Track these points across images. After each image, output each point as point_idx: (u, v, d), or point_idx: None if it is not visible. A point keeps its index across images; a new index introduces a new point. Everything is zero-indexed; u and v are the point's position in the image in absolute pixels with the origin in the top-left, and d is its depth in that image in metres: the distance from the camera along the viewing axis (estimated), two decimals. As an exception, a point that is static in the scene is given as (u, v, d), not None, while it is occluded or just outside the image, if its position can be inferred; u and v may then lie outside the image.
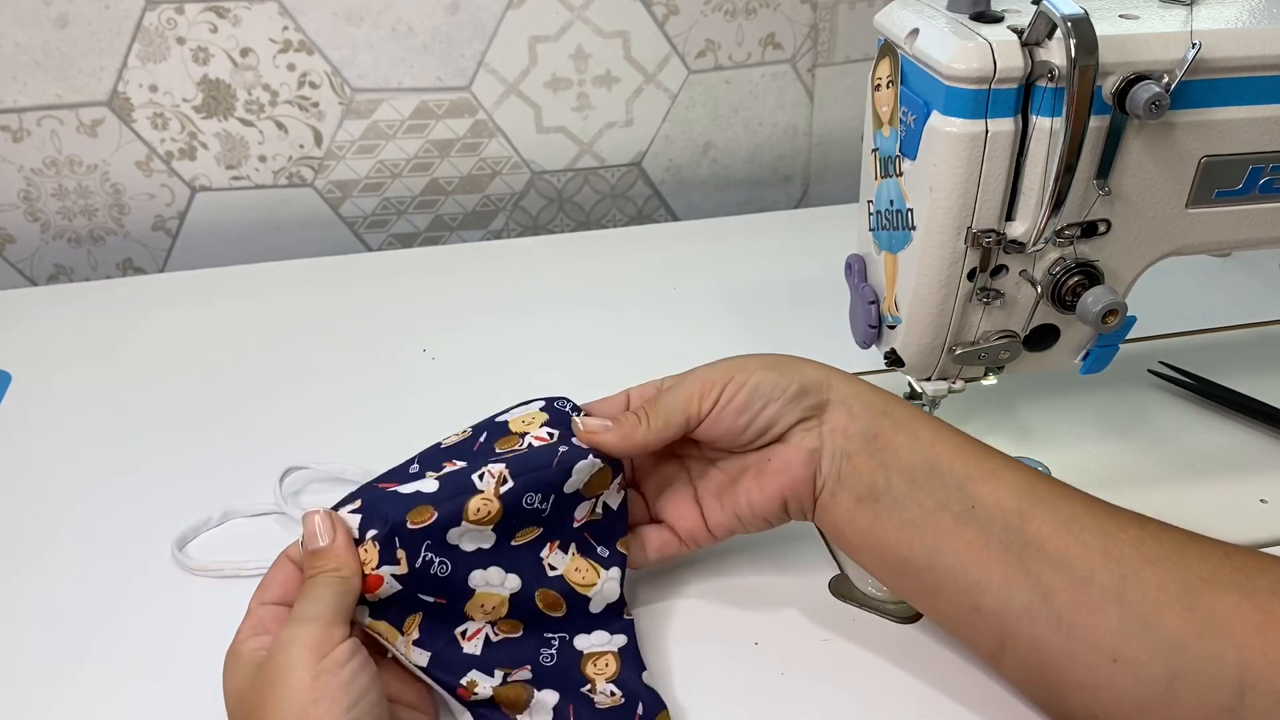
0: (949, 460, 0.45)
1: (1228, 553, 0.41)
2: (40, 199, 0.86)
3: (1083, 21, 0.41)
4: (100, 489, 0.60)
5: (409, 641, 0.43)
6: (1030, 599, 0.42)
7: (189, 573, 0.54)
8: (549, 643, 0.46)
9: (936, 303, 0.48)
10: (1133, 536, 0.41)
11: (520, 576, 0.45)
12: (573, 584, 0.47)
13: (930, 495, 0.45)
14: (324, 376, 0.70)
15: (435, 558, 0.43)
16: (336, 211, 0.91)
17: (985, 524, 0.43)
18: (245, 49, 0.82)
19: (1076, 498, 0.44)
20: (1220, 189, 0.47)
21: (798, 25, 0.91)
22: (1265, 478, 0.57)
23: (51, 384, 0.70)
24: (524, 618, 0.46)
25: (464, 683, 0.43)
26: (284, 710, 0.37)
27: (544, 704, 0.44)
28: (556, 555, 0.47)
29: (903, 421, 0.46)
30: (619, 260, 0.85)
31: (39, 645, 0.50)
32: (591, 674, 0.45)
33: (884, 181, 0.49)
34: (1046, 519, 0.42)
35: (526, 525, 0.46)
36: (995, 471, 0.44)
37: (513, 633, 0.46)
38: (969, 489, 0.44)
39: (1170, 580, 0.40)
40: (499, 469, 0.44)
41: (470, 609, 0.45)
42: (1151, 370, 0.65)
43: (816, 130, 0.97)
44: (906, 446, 0.46)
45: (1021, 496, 0.43)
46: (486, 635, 0.45)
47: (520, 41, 0.86)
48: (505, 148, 0.91)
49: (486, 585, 0.45)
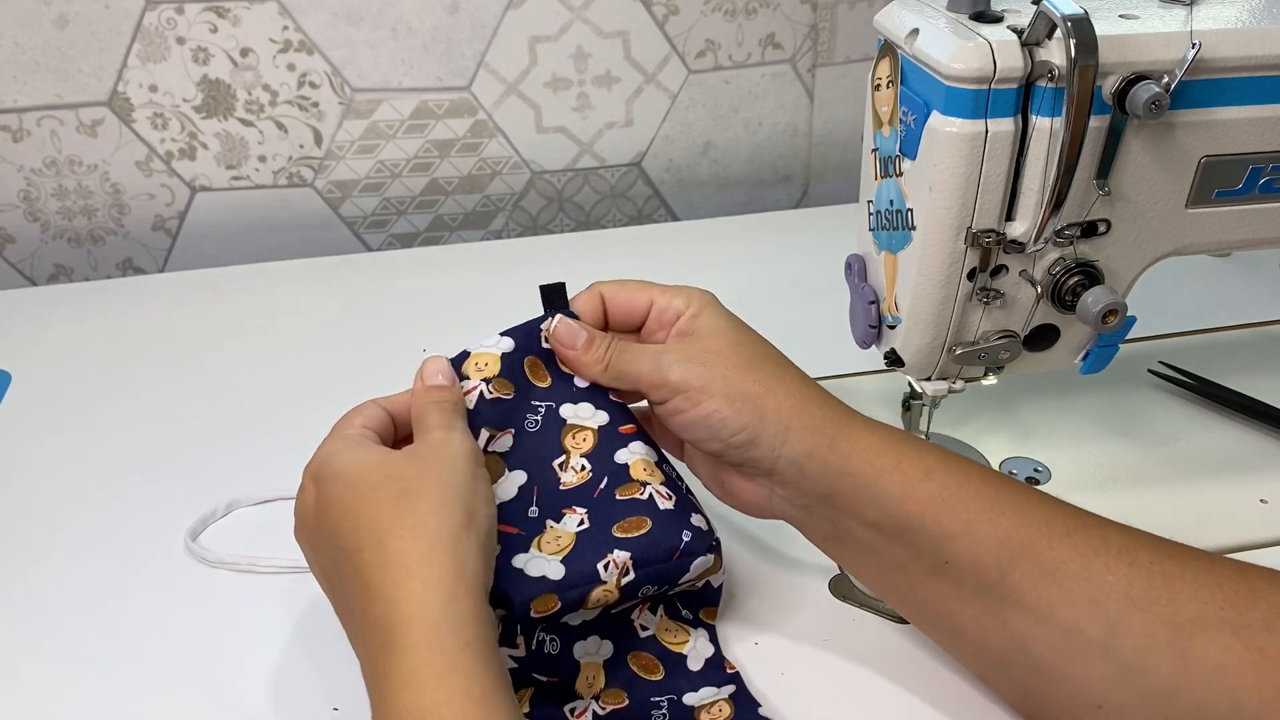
0: (919, 517, 0.41)
1: (1219, 583, 0.38)
2: (40, 199, 0.86)
3: (1083, 21, 0.41)
4: (100, 489, 0.60)
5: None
6: (1007, 648, 0.40)
7: (205, 564, 0.54)
8: (658, 705, 0.44)
9: (936, 303, 0.48)
10: (1120, 579, 0.39)
11: (613, 641, 0.45)
12: (666, 644, 0.46)
13: (898, 550, 0.42)
14: (324, 376, 0.70)
15: (548, 637, 0.44)
16: (336, 211, 0.91)
17: (959, 579, 0.41)
18: (245, 49, 0.82)
19: (1063, 538, 0.40)
20: (1220, 189, 0.47)
21: (798, 25, 0.91)
22: (1265, 478, 0.57)
23: (51, 384, 0.70)
24: (623, 684, 0.45)
25: None
26: (451, 485, 0.40)
27: None
28: (646, 616, 0.46)
29: (864, 480, 0.42)
30: (619, 260, 0.85)
31: (39, 645, 0.50)
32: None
33: (884, 181, 0.49)
34: (1028, 571, 0.40)
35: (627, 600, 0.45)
36: (970, 525, 0.41)
37: (618, 704, 0.44)
38: (942, 547, 0.41)
39: (1160, 626, 0.38)
40: (624, 559, 0.43)
41: (578, 684, 0.44)
42: (1151, 370, 0.65)
43: (816, 130, 0.97)
44: (869, 505, 0.42)
45: (1000, 550, 0.40)
46: (593, 711, 0.44)
47: (520, 41, 0.86)
48: (505, 148, 0.91)
49: (586, 655, 0.44)
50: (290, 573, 0.53)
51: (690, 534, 0.44)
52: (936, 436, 0.59)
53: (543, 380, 0.49)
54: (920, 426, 0.57)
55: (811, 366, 0.66)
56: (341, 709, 0.46)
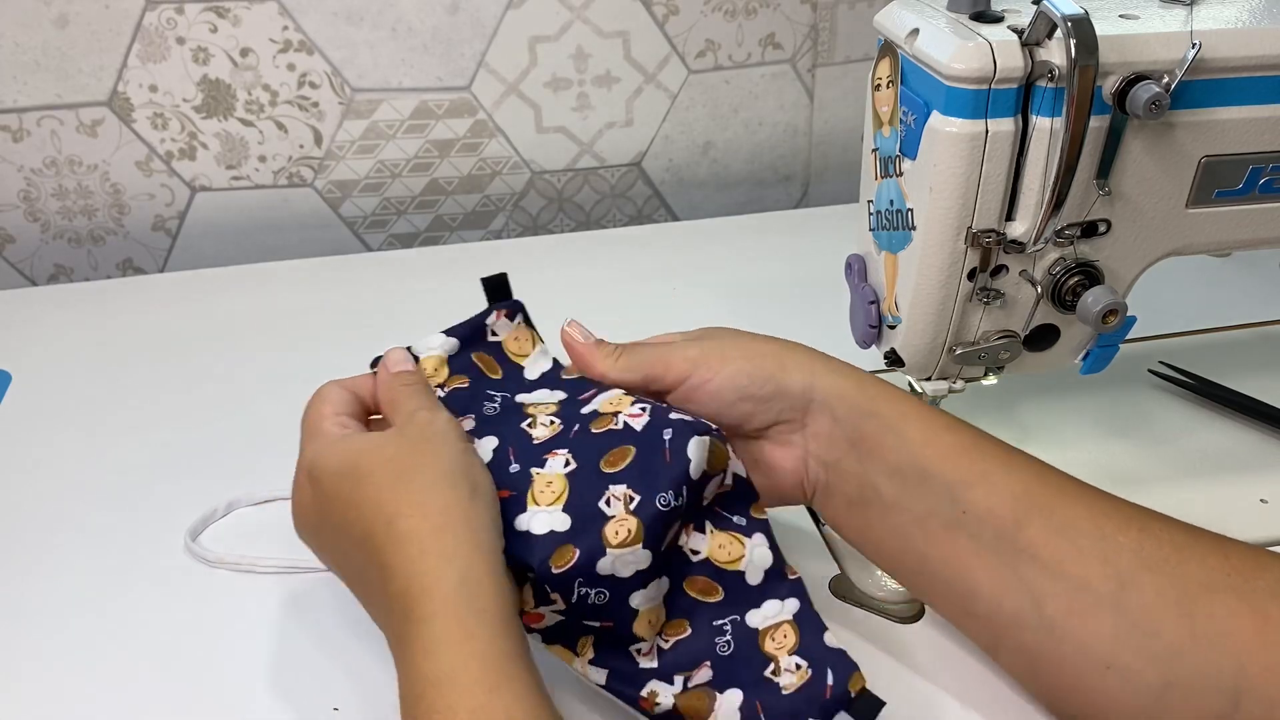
0: (939, 463, 0.43)
1: (1226, 553, 0.40)
2: (40, 199, 0.86)
3: (1083, 21, 0.41)
4: (100, 489, 0.60)
5: (585, 661, 0.42)
6: (1021, 606, 0.41)
7: (205, 564, 0.54)
8: (722, 630, 0.43)
9: (936, 303, 0.48)
10: (1132, 540, 0.40)
11: (669, 575, 0.43)
12: (720, 564, 0.44)
13: (919, 501, 0.43)
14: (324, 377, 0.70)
15: (590, 590, 0.41)
16: (336, 211, 0.91)
17: (976, 531, 0.42)
18: (245, 49, 0.82)
19: (1076, 498, 0.42)
20: (1220, 189, 0.47)
21: (798, 25, 0.91)
22: (1265, 478, 0.57)
23: (51, 384, 0.70)
24: (684, 613, 0.43)
25: (645, 694, 0.41)
26: (449, 461, 0.40)
27: (730, 706, 0.41)
28: (695, 538, 0.44)
29: (890, 422, 0.44)
30: (619, 260, 0.85)
31: (39, 645, 0.50)
32: (772, 650, 0.43)
33: (884, 181, 0.49)
34: (1042, 526, 0.41)
35: (673, 523, 0.43)
36: (988, 474, 0.42)
37: (681, 633, 0.43)
38: (959, 494, 0.42)
39: (1168, 586, 0.39)
40: (622, 491, 0.42)
41: (638, 629, 0.42)
42: (1151, 370, 0.65)
43: (816, 130, 0.97)
44: (893, 449, 0.44)
45: (1016, 501, 0.42)
46: (658, 646, 0.43)
47: (520, 41, 0.86)
48: (505, 148, 0.91)
49: (647, 602, 0.42)
50: (289, 572, 0.53)
51: (671, 430, 0.43)
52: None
53: (494, 372, 0.49)
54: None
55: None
56: (341, 709, 0.46)
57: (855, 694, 0.41)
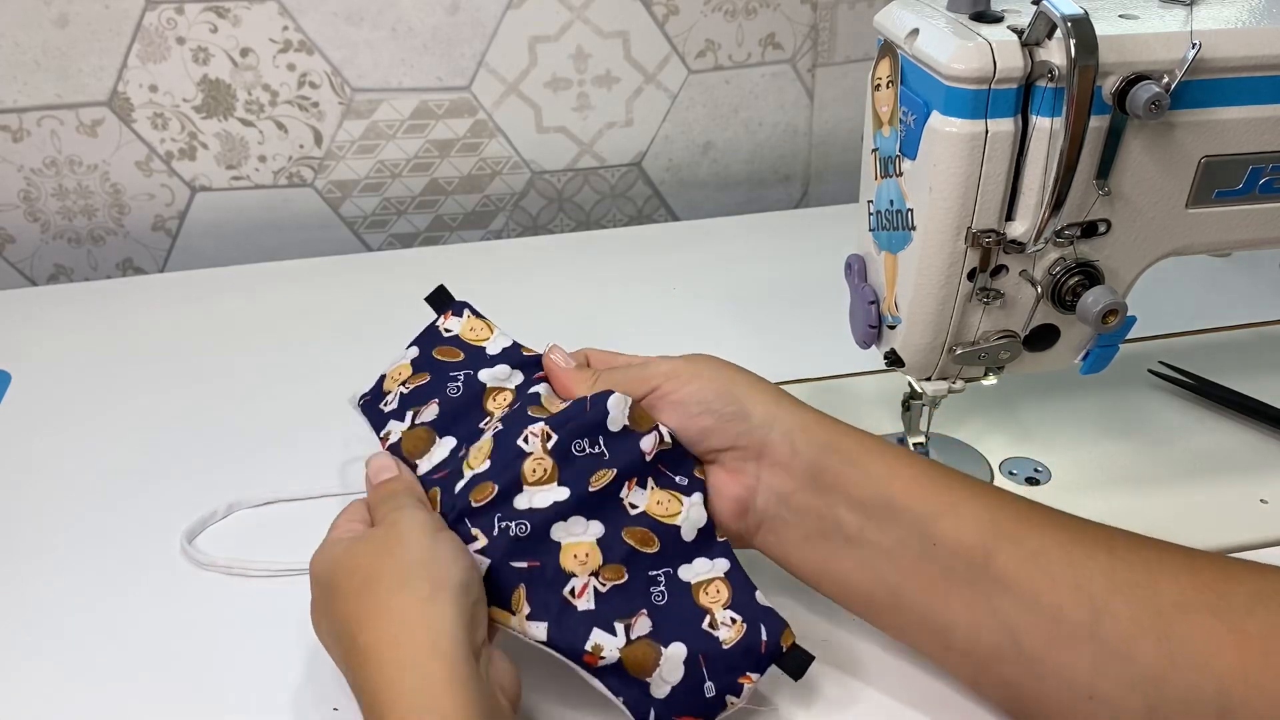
0: (905, 495, 0.43)
1: (1198, 569, 0.39)
2: (40, 199, 0.86)
3: (1083, 21, 0.41)
4: (100, 489, 0.60)
5: (523, 618, 0.43)
6: (999, 640, 0.41)
7: (198, 567, 0.54)
8: (655, 580, 0.45)
9: (936, 303, 0.48)
10: (1102, 565, 0.40)
11: (603, 522, 0.45)
12: (657, 518, 0.46)
13: (886, 533, 0.43)
14: (324, 377, 0.70)
15: (510, 523, 0.44)
16: (336, 211, 0.91)
17: (948, 564, 0.42)
18: (245, 49, 0.82)
19: (1043, 526, 0.42)
20: (1220, 189, 0.47)
21: (798, 25, 0.91)
22: (1265, 478, 0.57)
23: (51, 384, 0.70)
24: (621, 559, 0.45)
25: (589, 649, 0.42)
26: (408, 561, 0.40)
27: (674, 660, 0.43)
28: (636, 493, 0.46)
29: (852, 456, 0.44)
30: (619, 260, 0.85)
31: (38, 645, 0.50)
32: (707, 604, 0.44)
33: (884, 181, 0.49)
34: (1012, 554, 0.41)
35: (596, 470, 0.45)
36: (955, 506, 0.42)
37: (618, 579, 0.44)
38: (928, 526, 0.42)
39: (1143, 610, 0.38)
40: (540, 428, 0.46)
41: (565, 562, 0.44)
42: (1151, 370, 0.65)
43: (816, 130, 0.97)
44: (857, 483, 0.44)
45: (984, 531, 0.41)
46: (594, 587, 0.44)
47: (520, 41, 0.86)
48: (505, 148, 0.91)
49: (569, 535, 0.44)
50: (284, 575, 0.53)
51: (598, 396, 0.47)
52: (936, 436, 0.59)
53: (454, 357, 0.52)
54: (920, 426, 0.57)
55: (811, 366, 0.66)
56: (341, 709, 0.46)
57: (787, 648, 0.44)
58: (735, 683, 0.43)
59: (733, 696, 0.43)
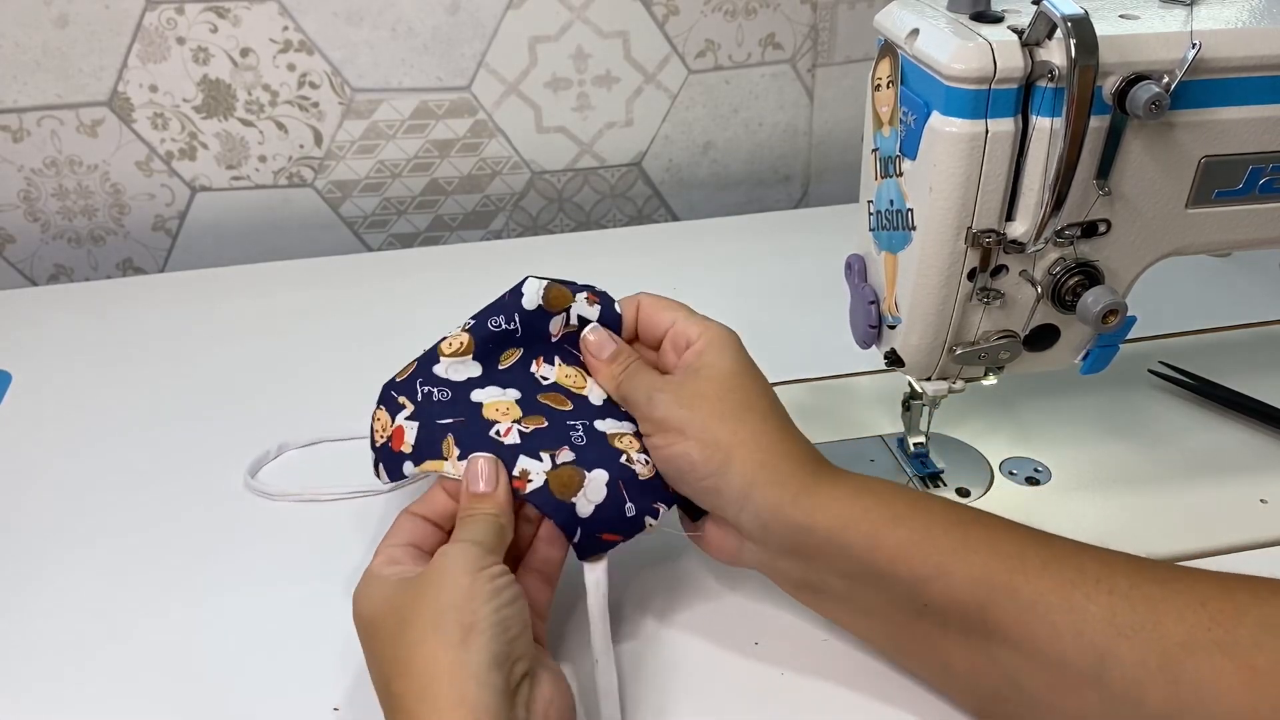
0: (891, 564, 0.42)
1: (1203, 601, 0.38)
2: (40, 199, 0.86)
3: (1083, 21, 0.41)
4: (100, 489, 0.60)
5: (454, 460, 0.46)
6: (999, 685, 0.40)
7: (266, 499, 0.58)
8: (574, 428, 0.48)
9: (936, 303, 0.48)
10: (1103, 608, 0.39)
11: (519, 389, 0.50)
12: (567, 387, 0.51)
13: (876, 595, 0.43)
14: (324, 376, 0.70)
15: (433, 389, 0.49)
16: (336, 211, 0.91)
17: (942, 619, 0.41)
18: (245, 49, 0.82)
19: (1039, 572, 0.40)
20: (1220, 189, 0.47)
21: (798, 25, 0.91)
22: (1265, 478, 0.57)
23: (51, 384, 0.70)
24: (540, 412, 0.49)
25: (516, 473, 0.46)
26: (441, 604, 0.40)
27: (597, 483, 0.46)
28: (544, 368, 0.51)
29: (829, 535, 0.43)
30: (619, 260, 0.85)
31: (34, 647, 0.50)
32: (622, 447, 0.48)
33: (884, 181, 0.49)
34: (1008, 607, 0.40)
35: (505, 349, 0.51)
36: (944, 568, 0.41)
37: (539, 424, 0.48)
38: (918, 591, 0.41)
39: (1149, 654, 0.37)
40: (464, 320, 0.51)
41: (488, 414, 0.48)
42: (1151, 370, 0.65)
43: (816, 130, 0.97)
44: (838, 558, 0.43)
45: (977, 589, 0.40)
46: (518, 430, 0.48)
47: (520, 41, 0.86)
48: (505, 148, 0.91)
49: (489, 397, 0.49)
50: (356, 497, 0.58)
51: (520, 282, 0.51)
52: (936, 436, 0.59)
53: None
54: (920, 426, 0.57)
55: (811, 366, 0.66)
56: (341, 709, 0.46)
57: None
58: (652, 506, 0.47)
59: (650, 518, 0.46)
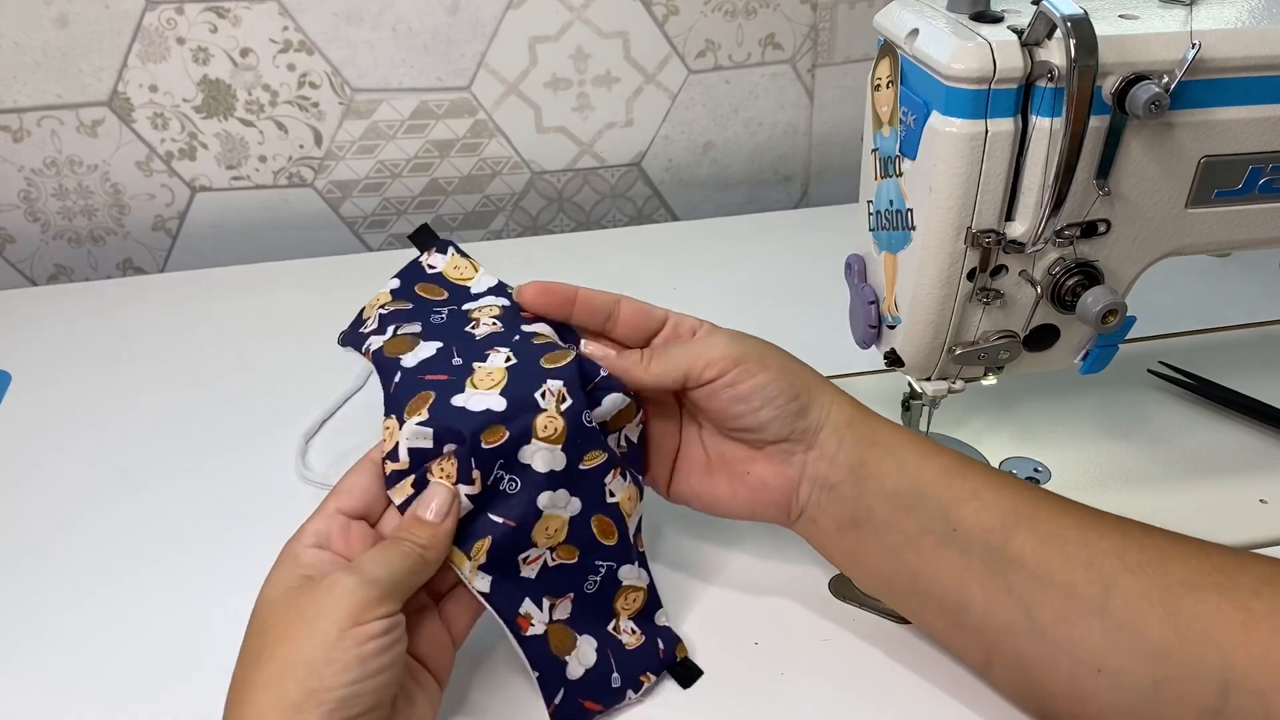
0: (932, 484, 0.45)
1: (1208, 553, 0.41)
2: (40, 199, 0.86)
3: (1082, 21, 0.41)
4: (99, 489, 0.60)
5: (474, 566, 0.44)
6: (1014, 615, 0.42)
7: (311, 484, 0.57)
8: (597, 569, 0.47)
9: (936, 303, 0.48)
10: (1114, 545, 0.42)
11: (582, 500, 0.46)
12: (625, 513, 0.47)
13: (913, 520, 0.45)
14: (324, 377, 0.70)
15: (506, 475, 0.44)
16: (336, 211, 0.91)
17: (966, 545, 0.44)
18: (245, 49, 0.82)
19: (1059, 511, 0.44)
20: (1220, 189, 0.47)
21: (798, 25, 0.91)
22: (1265, 478, 0.57)
23: (51, 384, 0.70)
24: (580, 543, 0.46)
25: (522, 613, 0.45)
26: (299, 652, 0.37)
27: (588, 647, 0.46)
28: (618, 482, 0.47)
29: (890, 447, 0.47)
30: (619, 260, 0.85)
31: (34, 645, 0.50)
32: (620, 608, 0.48)
33: (884, 181, 0.49)
34: (1029, 536, 0.43)
35: (592, 449, 0.46)
36: (978, 492, 0.44)
37: (568, 559, 0.46)
38: (951, 512, 0.44)
39: (1151, 587, 0.40)
40: (558, 387, 0.45)
41: (536, 533, 0.45)
42: (1151, 370, 0.65)
43: (816, 130, 0.97)
44: (892, 474, 0.46)
45: (1004, 515, 0.43)
46: (545, 560, 0.45)
47: (520, 41, 0.86)
48: (505, 148, 0.91)
49: (553, 506, 0.45)
50: None
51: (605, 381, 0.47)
52: (936, 436, 0.59)
53: (438, 295, 0.52)
54: (920, 426, 0.57)
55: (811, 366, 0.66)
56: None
57: (680, 659, 0.48)
58: (636, 679, 0.47)
59: (632, 691, 0.46)
